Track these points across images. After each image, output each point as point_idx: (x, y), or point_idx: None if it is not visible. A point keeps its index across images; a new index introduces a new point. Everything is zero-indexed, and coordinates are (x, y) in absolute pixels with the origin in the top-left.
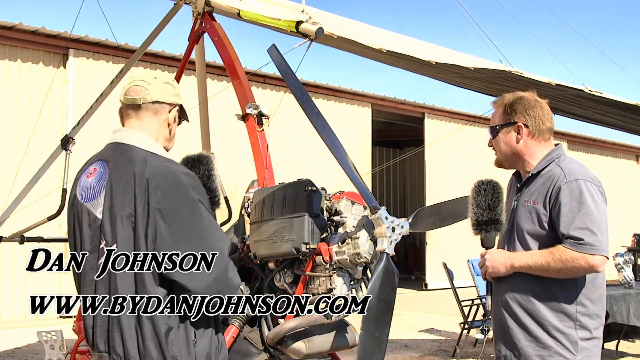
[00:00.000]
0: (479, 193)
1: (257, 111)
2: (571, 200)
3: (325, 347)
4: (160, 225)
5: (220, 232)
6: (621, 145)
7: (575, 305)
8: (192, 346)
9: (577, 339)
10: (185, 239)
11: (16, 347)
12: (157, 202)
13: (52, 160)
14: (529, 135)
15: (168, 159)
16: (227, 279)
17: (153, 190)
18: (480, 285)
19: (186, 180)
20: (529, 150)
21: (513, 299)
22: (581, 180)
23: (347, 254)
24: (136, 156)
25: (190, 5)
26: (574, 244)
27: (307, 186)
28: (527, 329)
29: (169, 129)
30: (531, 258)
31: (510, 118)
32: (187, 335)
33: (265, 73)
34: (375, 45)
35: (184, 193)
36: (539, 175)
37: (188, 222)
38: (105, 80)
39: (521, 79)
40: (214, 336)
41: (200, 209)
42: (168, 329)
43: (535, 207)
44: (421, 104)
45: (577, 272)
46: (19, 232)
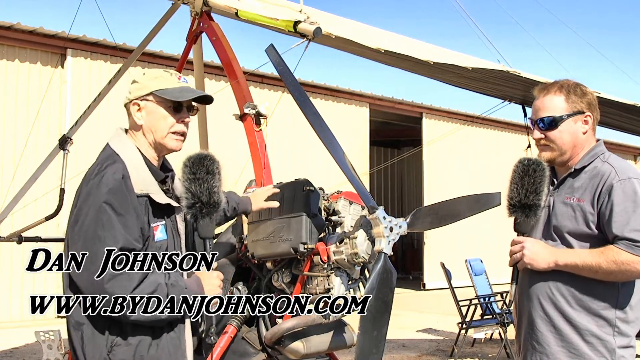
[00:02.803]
0: (527, 173)
1: (255, 111)
2: (625, 200)
3: (323, 347)
4: (71, 222)
5: (116, 237)
6: (619, 145)
7: (615, 310)
8: (105, 349)
9: (615, 347)
10: (81, 239)
11: (14, 347)
12: (76, 199)
13: (50, 160)
14: (592, 126)
15: (114, 160)
16: (104, 288)
17: (80, 188)
18: (479, 285)
19: (102, 181)
20: (587, 143)
21: (546, 298)
22: (634, 179)
23: (345, 254)
24: (99, 157)
25: (188, 5)
26: (631, 246)
27: (305, 186)
28: (560, 333)
29: (135, 124)
30: (579, 257)
31: (577, 107)
32: (104, 337)
33: (263, 73)
34: (373, 45)
35: (91, 193)
36: (582, 171)
37: (83, 222)
38: (103, 80)
39: (519, 79)
40: (143, 344)
41: (101, 211)
42: (77, 324)
43: (581, 205)
44: (419, 104)
45: (631, 275)
46: (16, 232)
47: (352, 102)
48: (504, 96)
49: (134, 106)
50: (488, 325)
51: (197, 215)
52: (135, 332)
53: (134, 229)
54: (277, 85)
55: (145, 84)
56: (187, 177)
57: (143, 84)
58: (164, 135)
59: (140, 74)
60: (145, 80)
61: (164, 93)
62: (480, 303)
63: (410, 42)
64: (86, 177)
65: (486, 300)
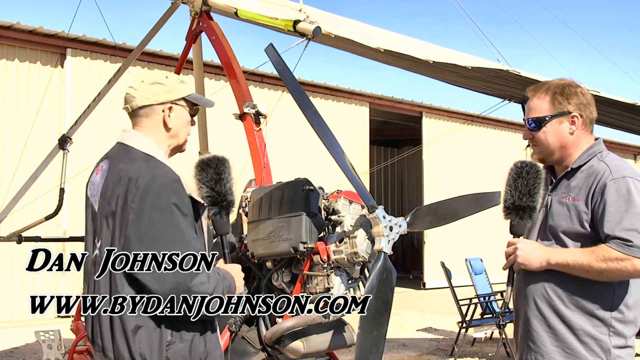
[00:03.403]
0: (520, 175)
1: (254, 110)
2: (618, 199)
3: (323, 346)
4: (130, 224)
5: (191, 238)
6: (619, 144)
7: (611, 311)
8: (164, 347)
9: (610, 347)
10: (150, 240)
11: (14, 346)
12: (132, 200)
13: (49, 159)
14: (582, 126)
15: (157, 162)
16: (189, 287)
17: (132, 189)
18: (479, 284)
19: (164, 183)
20: (578, 143)
21: (542, 298)
22: (629, 178)
23: (345, 253)
24: (130, 157)
25: (187, 5)
26: (621, 245)
27: (304, 185)
28: (555, 333)
29: (166, 127)
30: (571, 256)
31: (563, 107)
32: (161, 336)
33: (263, 72)
34: (372, 44)
35: (158, 195)
36: (578, 170)
37: (156, 224)
38: (102, 80)
39: (518, 78)
40: (197, 340)
41: (173, 213)
42: (136, 327)
43: (575, 204)
44: (419, 103)
45: (621, 275)
46: (16, 231)
47: (352, 102)
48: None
49: (167, 109)
50: (488, 325)
51: (219, 213)
52: (188, 328)
53: (193, 229)
54: (277, 85)
55: (174, 87)
56: (211, 177)
57: (171, 87)
58: (184, 140)
59: (162, 77)
60: (172, 83)
61: (197, 99)
62: (480, 302)
63: (410, 42)
64: (134, 177)
65: (486, 299)
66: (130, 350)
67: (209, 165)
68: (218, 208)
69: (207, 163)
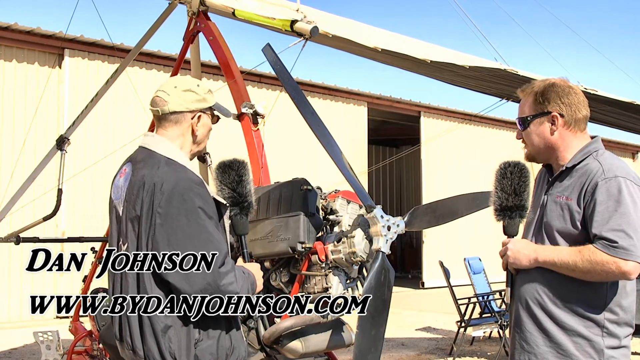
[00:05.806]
0: (504, 176)
1: (252, 110)
2: (608, 199)
3: (322, 346)
4: (157, 227)
5: (218, 239)
6: (617, 143)
7: (604, 312)
8: (192, 345)
9: (603, 347)
10: (179, 243)
11: (13, 347)
12: (159, 205)
13: (47, 160)
14: (564, 125)
15: (181, 166)
16: (219, 287)
17: (157, 194)
18: (477, 283)
19: (189, 187)
20: (565, 142)
21: (534, 299)
22: (621, 178)
23: (343, 253)
24: (153, 161)
25: (185, 5)
26: (607, 246)
27: (302, 185)
28: (547, 334)
29: (193, 134)
30: (557, 254)
31: (543, 107)
32: (189, 334)
33: (261, 72)
34: (370, 44)
35: (184, 199)
36: (573, 169)
37: (184, 227)
38: (100, 80)
39: (516, 77)
40: (223, 337)
41: (199, 216)
42: (165, 327)
43: (568, 204)
44: (417, 103)
45: (607, 276)
46: (14, 232)
47: (350, 101)
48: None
49: (196, 118)
50: (487, 324)
51: (240, 213)
52: (214, 326)
53: (219, 230)
54: (275, 85)
55: (205, 96)
56: (233, 179)
57: (201, 96)
58: (204, 147)
59: (194, 84)
60: (203, 92)
61: (219, 110)
62: (479, 301)
63: (408, 41)
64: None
65: (485, 298)
66: (160, 350)
67: (231, 167)
68: (239, 209)
69: (230, 165)
